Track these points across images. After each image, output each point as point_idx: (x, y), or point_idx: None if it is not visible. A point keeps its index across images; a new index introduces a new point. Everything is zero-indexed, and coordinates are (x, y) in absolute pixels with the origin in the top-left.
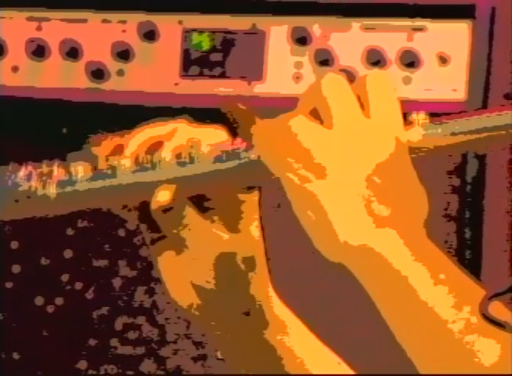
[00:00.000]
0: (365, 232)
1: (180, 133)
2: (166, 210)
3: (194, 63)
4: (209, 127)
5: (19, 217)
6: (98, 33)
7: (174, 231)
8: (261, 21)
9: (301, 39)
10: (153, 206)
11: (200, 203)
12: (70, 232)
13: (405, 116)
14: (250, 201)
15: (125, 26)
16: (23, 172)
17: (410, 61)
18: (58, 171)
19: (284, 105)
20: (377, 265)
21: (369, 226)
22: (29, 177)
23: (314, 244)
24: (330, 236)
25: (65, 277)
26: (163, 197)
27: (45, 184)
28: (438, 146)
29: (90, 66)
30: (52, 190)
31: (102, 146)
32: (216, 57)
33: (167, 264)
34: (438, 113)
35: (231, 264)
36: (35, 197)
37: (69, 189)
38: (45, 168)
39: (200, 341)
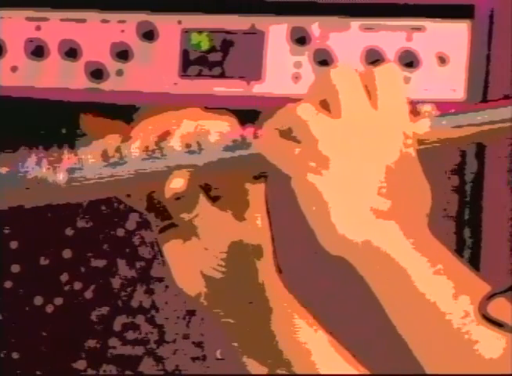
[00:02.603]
0: (364, 224)
1: (189, 121)
2: (178, 197)
3: (193, 62)
4: (218, 114)
5: (29, 205)
6: (97, 33)
7: (186, 218)
8: (260, 21)
9: (301, 39)
10: (167, 193)
11: (207, 192)
12: (69, 232)
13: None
14: (257, 191)
15: (124, 26)
16: (33, 159)
17: (409, 61)
18: (68, 158)
19: (284, 105)
20: (376, 258)
21: (368, 219)
22: (39, 163)
23: (315, 235)
24: (329, 228)
25: (64, 277)
26: (177, 183)
27: (55, 171)
28: (445, 138)
29: (89, 66)
30: (61, 177)
31: (110, 137)
32: (215, 57)
33: (175, 252)
34: (437, 112)
35: (239, 252)
36: (45, 183)
37: (78, 175)
38: (54, 155)
39: (200, 341)
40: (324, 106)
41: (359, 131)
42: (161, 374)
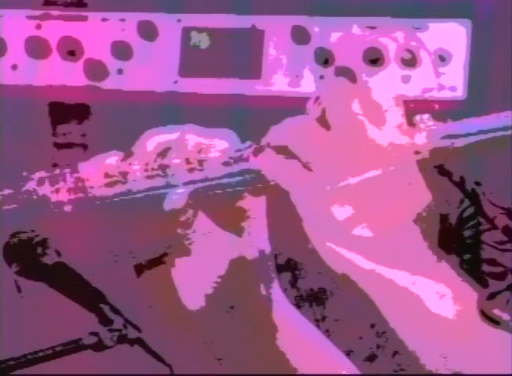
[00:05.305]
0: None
1: (189, 139)
2: (177, 214)
3: (193, 61)
4: (218, 131)
5: (34, 223)
6: (97, 31)
7: (185, 235)
8: (260, 20)
9: (301, 38)
10: (166, 207)
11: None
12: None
13: (409, 117)
14: (258, 206)
15: (125, 24)
16: (36, 179)
17: (409, 60)
18: (70, 179)
19: (283, 104)
20: (380, 277)
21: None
22: (41, 183)
23: (320, 255)
24: (335, 247)
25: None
26: (177, 198)
27: (58, 192)
28: (442, 149)
29: (89, 65)
30: (64, 197)
31: (112, 154)
32: (215, 56)
33: (178, 269)
34: (437, 112)
35: (240, 268)
36: (48, 205)
37: (82, 196)
38: (57, 176)
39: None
40: (323, 123)
41: (348, 144)
42: (162, 373)
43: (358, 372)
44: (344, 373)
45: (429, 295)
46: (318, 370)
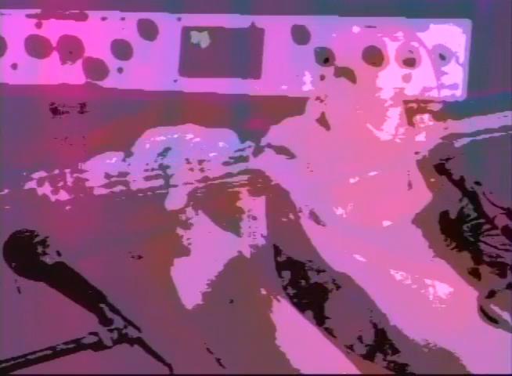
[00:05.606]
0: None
1: (189, 139)
2: (177, 213)
3: (193, 60)
4: (218, 131)
5: (34, 223)
6: (97, 30)
7: (184, 233)
8: (260, 19)
9: (301, 38)
10: (168, 207)
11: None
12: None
13: (409, 117)
14: (258, 206)
15: (125, 23)
16: (36, 179)
17: (410, 59)
18: (70, 179)
19: (283, 103)
20: (380, 276)
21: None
22: (41, 184)
23: (320, 254)
24: (335, 246)
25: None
26: (176, 200)
27: (58, 192)
28: (442, 149)
29: (89, 64)
30: (64, 197)
31: (112, 154)
32: (215, 55)
33: (177, 268)
34: (437, 112)
35: (239, 267)
36: (48, 205)
37: (82, 196)
38: (57, 176)
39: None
40: (322, 121)
41: (348, 144)
42: (161, 373)
43: (358, 372)
44: (344, 373)
45: (429, 294)
46: (318, 370)
